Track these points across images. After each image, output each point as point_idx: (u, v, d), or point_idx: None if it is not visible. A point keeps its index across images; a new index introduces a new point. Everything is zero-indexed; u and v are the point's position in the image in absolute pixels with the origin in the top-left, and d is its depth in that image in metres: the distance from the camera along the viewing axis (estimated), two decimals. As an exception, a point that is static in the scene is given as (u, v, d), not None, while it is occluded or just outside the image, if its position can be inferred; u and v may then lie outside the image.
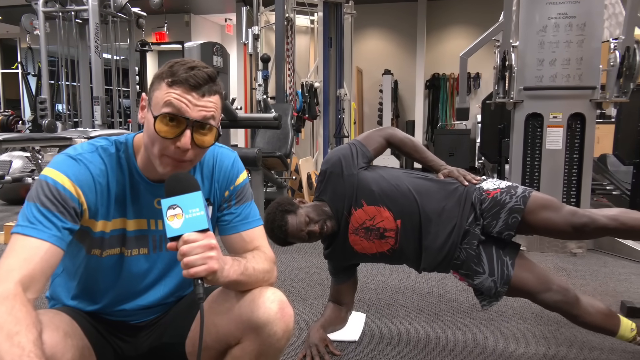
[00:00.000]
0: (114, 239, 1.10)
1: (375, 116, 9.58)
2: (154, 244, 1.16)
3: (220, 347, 1.14)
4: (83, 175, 1.03)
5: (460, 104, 3.61)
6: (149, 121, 1.01)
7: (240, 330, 1.09)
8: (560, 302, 1.70)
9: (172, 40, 10.03)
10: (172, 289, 1.23)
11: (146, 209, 1.13)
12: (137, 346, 1.22)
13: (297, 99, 5.55)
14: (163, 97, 0.98)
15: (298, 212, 1.77)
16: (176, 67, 0.99)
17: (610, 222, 1.68)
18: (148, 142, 1.03)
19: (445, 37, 9.56)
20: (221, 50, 4.82)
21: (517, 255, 1.75)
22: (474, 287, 1.79)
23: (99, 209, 1.06)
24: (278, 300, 1.10)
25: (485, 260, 1.72)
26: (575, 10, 3.18)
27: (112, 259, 1.12)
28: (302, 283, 2.75)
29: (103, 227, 1.08)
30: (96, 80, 4.85)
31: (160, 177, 1.08)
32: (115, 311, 1.18)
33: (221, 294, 1.16)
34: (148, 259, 1.16)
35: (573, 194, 3.37)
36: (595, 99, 3.24)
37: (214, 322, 1.12)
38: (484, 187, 1.79)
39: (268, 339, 1.08)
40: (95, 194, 1.05)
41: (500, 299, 1.76)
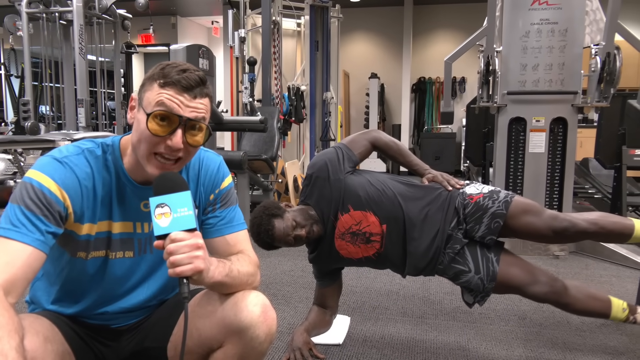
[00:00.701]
0: (100, 241, 1.10)
1: (361, 119, 9.61)
2: (139, 246, 1.15)
3: (203, 351, 1.13)
4: (69, 179, 1.02)
5: (444, 108, 3.65)
6: (140, 120, 1.01)
7: (222, 333, 1.09)
8: (549, 294, 1.73)
9: (158, 43, 9.97)
10: (154, 291, 1.22)
11: (132, 212, 1.12)
12: (118, 351, 1.21)
13: (283, 102, 5.55)
14: (155, 97, 0.99)
15: (285, 216, 1.77)
16: (168, 69, 1.00)
17: (590, 225, 1.72)
18: (137, 142, 1.02)
19: (431, 42, 9.63)
20: (207, 53, 4.80)
21: (501, 252, 1.77)
22: (462, 286, 1.81)
23: (84, 212, 1.05)
24: (261, 303, 1.10)
25: (470, 258, 1.74)
26: (557, 16, 3.23)
27: (97, 261, 1.11)
28: (287, 286, 2.74)
29: (89, 230, 1.07)
30: (80, 82, 4.80)
31: (147, 179, 1.08)
32: (96, 314, 1.17)
33: (204, 297, 1.16)
34: (133, 261, 1.15)
35: (555, 197, 3.42)
36: (577, 103, 3.30)
37: (196, 325, 1.12)
38: (467, 192, 1.81)
39: (250, 343, 1.08)
40: (81, 197, 1.04)
41: (490, 294, 1.78)
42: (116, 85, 5.64)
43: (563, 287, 1.74)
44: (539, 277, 1.73)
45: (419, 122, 9.77)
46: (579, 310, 1.78)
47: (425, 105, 9.71)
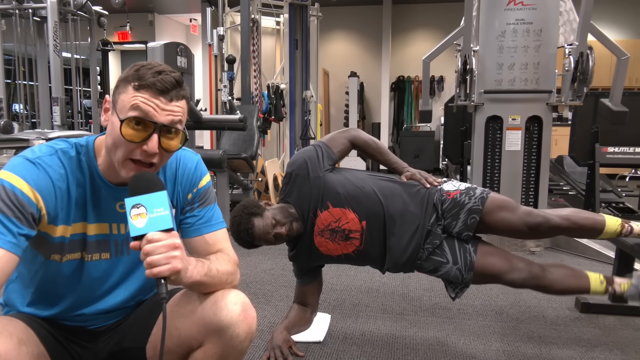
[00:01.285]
0: (74, 243, 1.08)
1: (341, 118, 9.64)
2: (115, 248, 1.14)
3: (183, 351, 1.13)
4: (42, 180, 1.00)
5: (423, 107, 3.68)
6: (114, 125, 0.99)
7: (202, 333, 1.08)
8: (527, 279, 1.76)
9: (135, 40, 9.83)
10: (132, 293, 1.21)
11: (108, 213, 1.11)
12: (96, 352, 1.19)
13: (263, 101, 5.54)
14: (129, 100, 0.97)
15: (264, 214, 1.77)
16: (143, 71, 0.98)
17: (563, 221, 1.76)
18: (112, 146, 1.01)
19: (410, 41, 9.70)
20: (185, 51, 4.75)
21: (478, 243, 1.81)
22: (442, 278, 1.83)
23: (58, 214, 1.04)
24: (241, 302, 1.10)
25: (447, 250, 1.78)
26: (532, 16, 3.29)
27: (72, 264, 1.10)
28: (267, 285, 2.74)
29: (63, 232, 1.05)
30: (55, 79, 4.70)
31: (122, 180, 1.07)
32: (73, 316, 1.16)
33: (183, 296, 1.15)
34: (109, 263, 1.14)
35: (531, 194, 3.48)
36: (552, 102, 3.36)
37: (175, 325, 1.11)
38: (444, 189, 1.84)
39: (231, 341, 1.08)
40: (54, 199, 1.02)
41: (469, 285, 1.81)
42: (92, 83, 5.54)
43: (540, 270, 1.78)
44: (516, 263, 1.77)
45: (399, 121, 9.84)
46: (559, 290, 1.80)
47: (404, 104, 9.78)
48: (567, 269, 1.83)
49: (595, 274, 1.82)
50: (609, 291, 1.80)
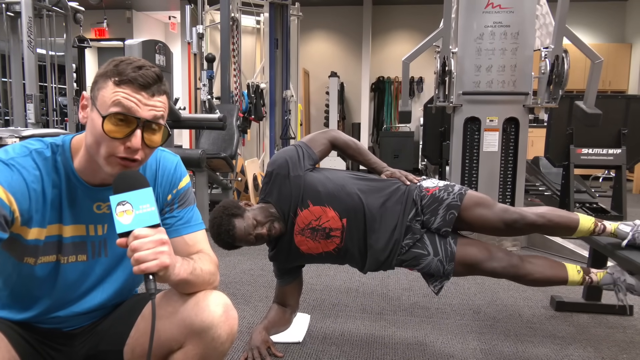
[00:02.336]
0: (49, 245, 1.05)
1: (321, 118, 9.64)
2: (92, 250, 1.11)
3: (163, 352, 1.11)
4: (16, 182, 0.97)
5: (402, 107, 3.70)
6: (95, 121, 0.97)
7: (183, 334, 1.08)
8: (507, 267, 1.78)
9: (112, 37, 9.68)
10: (110, 295, 1.18)
11: (84, 215, 1.08)
12: (71, 355, 1.17)
13: (242, 100, 5.50)
14: (111, 96, 0.95)
15: (245, 215, 1.76)
16: (123, 66, 0.96)
17: (539, 218, 1.79)
18: (93, 143, 0.98)
19: (390, 41, 9.76)
20: (164, 49, 4.69)
21: (458, 236, 1.84)
22: (423, 271, 1.85)
23: (33, 216, 1.01)
24: (223, 303, 1.10)
25: (428, 242, 1.80)
26: (509, 19, 3.34)
27: (47, 266, 1.06)
28: (246, 285, 2.73)
29: (37, 235, 1.02)
30: (29, 76, 4.59)
31: (101, 181, 1.06)
32: (48, 319, 1.13)
33: (164, 298, 1.14)
34: (86, 265, 1.11)
35: (508, 194, 3.53)
36: (528, 104, 3.42)
37: (156, 326, 1.09)
38: (424, 185, 1.87)
39: (212, 343, 1.07)
40: (29, 200, 0.99)
41: (450, 277, 1.82)
42: (68, 80, 5.43)
43: (519, 260, 1.81)
44: (496, 253, 1.80)
45: (378, 121, 9.89)
46: (537, 279, 1.82)
47: (384, 104, 9.84)
48: (545, 259, 1.87)
49: (572, 265, 1.86)
50: (586, 280, 1.84)
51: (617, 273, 1.81)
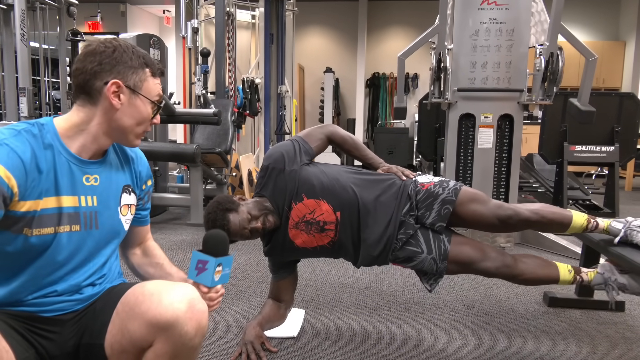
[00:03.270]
0: (46, 217, 1.09)
1: (316, 113, 9.64)
2: (85, 221, 1.16)
3: (136, 351, 1.13)
4: (11, 159, 1.02)
5: (398, 104, 3.70)
6: (141, 107, 1.16)
7: (151, 333, 1.08)
8: (500, 267, 1.79)
9: (106, 31, 9.61)
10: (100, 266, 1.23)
11: (77, 186, 1.14)
12: (61, 344, 1.17)
13: (237, 95, 5.49)
14: (153, 87, 1.18)
15: (239, 209, 1.76)
16: (148, 58, 1.17)
17: (532, 215, 1.80)
18: (135, 124, 1.17)
19: (385, 37, 9.76)
20: (159, 43, 4.66)
21: (452, 234, 1.84)
22: (416, 269, 1.85)
23: (30, 190, 1.06)
24: (187, 298, 1.10)
25: (422, 240, 1.79)
26: (504, 16, 3.34)
27: (45, 238, 1.10)
28: (241, 281, 2.73)
29: (34, 207, 1.07)
30: (22, 70, 4.55)
31: (88, 156, 1.16)
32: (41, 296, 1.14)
33: (132, 297, 1.15)
34: (80, 235, 1.16)
35: (502, 191, 3.55)
36: (522, 101, 3.43)
37: (127, 326, 1.12)
38: (419, 180, 1.87)
39: (180, 339, 1.08)
40: (25, 175, 1.04)
41: (444, 275, 1.82)
42: (61, 74, 5.38)
43: (512, 260, 1.82)
44: (489, 253, 1.80)
45: (373, 117, 9.89)
46: (530, 279, 1.83)
47: (379, 100, 9.84)
48: (537, 258, 1.88)
49: (564, 264, 1.87)
50: (577, 280, 1.85)
51: (608, 272, 1.82)
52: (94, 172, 1.17)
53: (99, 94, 1.12)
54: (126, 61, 1.12)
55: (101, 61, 1.10)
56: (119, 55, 1.12)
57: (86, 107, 1.14)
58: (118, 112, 1.14)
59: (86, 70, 1.11)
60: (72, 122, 1.14)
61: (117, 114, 1.14)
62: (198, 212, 4.04)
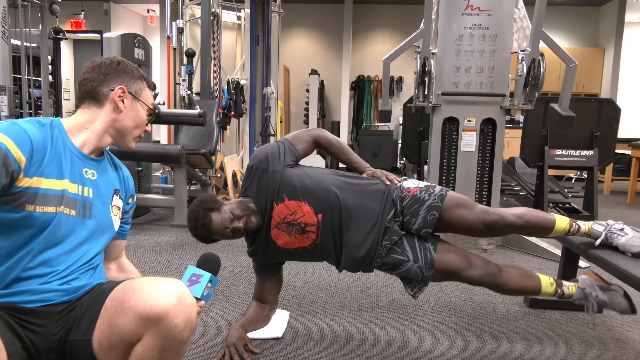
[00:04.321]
0: (51, 197, 1.17)
1: (301, 115, 9.64)
2: (80, 208, 1.23)
3: (125, 346, 1.13)
4: (21, 137, 1.12)
5: (382, 107, 3.73)
6: (140, 112, 1.35)
7: (140, 327, 1.09)
8: (484, 276, 1.81)
9: (89, 29, 9.49)
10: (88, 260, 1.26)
11: (77, 176, 1.24)
12: (48, 337, 1.17)
13: (222, 96, 5.47)
14: (149, 97, 1.38)
15: (222, 209, 1.76)
16: (143, 73, 1.37)
17: (517, 219, 1.83)
18: (134, 126, 1.34)
19: (370, 40, 9.81)
20: (143, 43, 4.63)
21: (437, 241, 1.85)
22: (401, 276, 1.86)
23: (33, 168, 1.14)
24: (176, 292, 1.12)
25: (408, 248, 1.80)
26: (488, 22, 3.40)
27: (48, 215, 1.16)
28: (225, 282, 2.72)
29: (36, 184, 1.15)
30: (3, 68, 4.49)
31: (91, 151, 1.28)
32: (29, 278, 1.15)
33: (120, 292, 1.16)
34: (75, 221, 1.22)
35: (485, 194, 3.60)
36: (505, 105, 3.49)
37: (116, 321, 1.12)
38: (404, 186, 1.88)
39: (169, 332, 1.10)
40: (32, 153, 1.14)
41: (428, 283, 1.84)
42: (43, 72, 5.31)
43: (497, 269, 1.84)
44: (474, 261, 1.82)
45: (358, 120, 9.93)
46: (513, 289, 1.86)
47: (364, 103, 9.88)
48: (521, 269, 1.90)
49: (546, 277, 1.90)
50: (558, 293, 1.89)
51: (589, 288, 1.86)
52: (92, 167, 1.29)
53: (105, 98, 1.30)
54: (128, 73, 1.33)
55: (107, 72, 1.30)
56: (122, 67, 1.32)
57: (91, 109, 1.30)
58: (121, 114, 1.31)
59: (94, 79, 1.29)
60: (77, 121, 1.29)
61: (120, 116, 1.31)
62: (182, 213, 4.02)
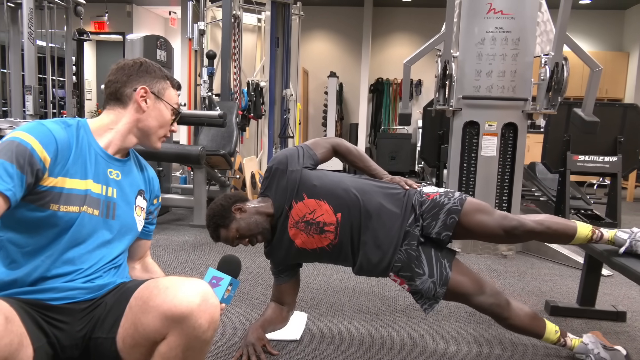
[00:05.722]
0: (74, 196, 1.18)
1: (320, 118, 9.66)
2: (104, 208, 1.25)
3: (148, 344, 1.15)
4: (47, 137, 1.15)
5: (403, 110, 3.72)
6: (164, 111, 1.35)
7: (165, 325, 1.11)
8: (493, 305, 1.81)
9: (112, 31, 9.64)
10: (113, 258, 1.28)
11: (102, 176, 1.26)
12: (72, 335, 1.19)
13: (242, 98, 5.51)
14: (173, 97, 1.37)
15: (230, 227, 1.83)
16: (167, 73, 1.37)
17: (537, 225, 1.81)
18: (158, 126, 1.34)
19: (389, 43, 9.78)
20: (165, 44, 4.69)
21: (453, 259, 1.84)
22: (414, 290, 1.86)
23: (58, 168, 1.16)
24: (200, 292, 1.13)
25: (425, 262, 1.81)
26: (510, 25, 3.36)
27: (71, 214, 1.18)
28: (244, 283, 2.74)
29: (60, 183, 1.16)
30: (29, 68, 4.57)
31: (115, 152, 1.30)
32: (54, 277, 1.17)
33: (145, 291, 1.18)
34: (97, 220, 1.24)
35: (505, 199, 3.56)
36: (527, 110, 3.44)
37: (140, 320, 1.14)
38: (424, 191, 1.89)
39: (193, 332, 1.11)
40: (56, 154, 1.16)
41: (440, 300, 1.84)
42: (67, 73, 5.41)
43: (506, 302, 1.84)
44: (487, 288, 1.83)
45: (376, 122, 9.91)
46: (516, 326, 1.86)
47: (382, 106, 9.85)
48: (530, 310, 1.89)
49: (552, 325, 1.88)
50: (560, 342, 1.88)
51: (592, 344, 1.85)
52: (117, 168, 1.31)
53: (128, 99, 1.30)
54: (151, 73, 1.33)
55: (130, 73, 1.31)
56: (144, 68, 1.32)
57: (116, 110, 1.31)
58: (144, 114, 1.32)
59: (118, 81, 1.30)
60: (102, 122, 1.31)
61: (143, 115, 1.32)
62: (201, 213, 4.05)
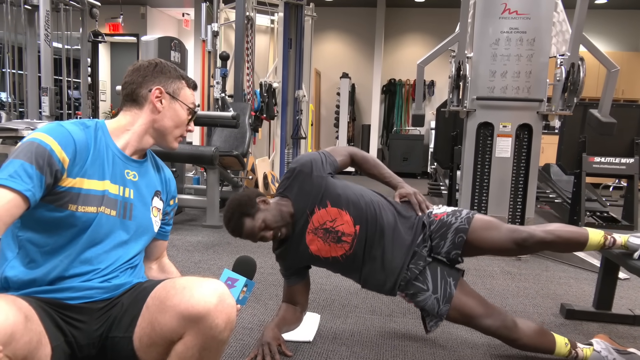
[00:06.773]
0: (92, 197, 1.19)
1: (332, 119, 9.65)
2: (121, 209, 1.26)
3: (166, 344, 1.15)
4: (65, 138, 1.16)
5: (416, 111, 3.70)
6: (179, 111, 1.34)
7: (181, 325, 1.11)
8: (500, 328, 1.80)
9: (126, 32, 9.74)
10: (129, 258, 1.29)
11: (119, 177, 1.26)
12: (89, 334, 1.20)
13: (255, 99, 5.53)
14: (189, 96, 1.36)
15: (256, 216, 1.81)
16: (184, 73, 1.37)
17: (548, 235, 1.80)
18: (173, 126, 1.34)
19: (402, 44, 9.75)
20: (179, 46, 4.72)
21: (459, 278, 1.85)
22: (419, 306, 1.87)
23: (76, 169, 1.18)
24: (217, 292, 1.13)
25: (429, 278, 1.83)
26: (525, 25, 3.33)
27: (89, 215, 1.19)
28: (257, 283, 2.73)
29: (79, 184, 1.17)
30: (45, 69, 4.64)
31: (132, 152, 1.30)
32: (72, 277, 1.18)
33: (162, 290, 1.18)
34: (114, 221, 1.24)
35: (519, 201, 3.52)
36: (542, 111, 3.41)
37: (157, 319, 1.15)
38: (432, 212, 1.92)
39: (210, 332, 1.11)
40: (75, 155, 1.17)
41: (443, 319, 1.84)
42: (82, 74, 5.48)
43: (513, 322, 1.82)
44: (492, 311, 1.82)
45: (388, 123, 9.88)
46: (526, 345, 1.83)
47: (394, 107, 9.82)
48: (537, 326, 1.87)
49: (561, 337, 1.86)
50: (572, 354, 1.84)
51: (605, 351, 1.82)
52: (134, 169, 1.31)
53: (144, 100, 1.31)
54: (166, 73, 1.33)
55: (145, 74, 1.31)
56: (159, 69, 1.32)
57: (132, 111, 1.32)
58: (160, 114, 1.32)
59: (133, 82, 1.31)
60: (119, 123, 1.31)
61: (159, 116, 1.32)
62: (214, 213, 4.07)
